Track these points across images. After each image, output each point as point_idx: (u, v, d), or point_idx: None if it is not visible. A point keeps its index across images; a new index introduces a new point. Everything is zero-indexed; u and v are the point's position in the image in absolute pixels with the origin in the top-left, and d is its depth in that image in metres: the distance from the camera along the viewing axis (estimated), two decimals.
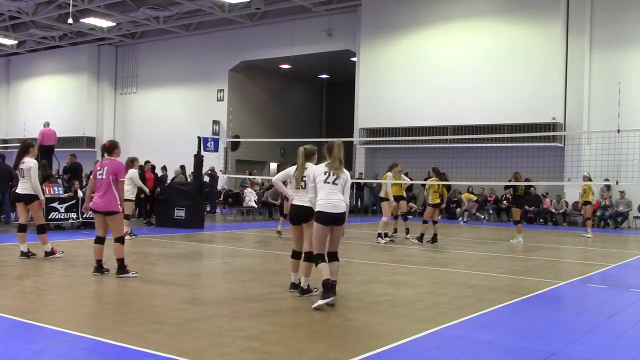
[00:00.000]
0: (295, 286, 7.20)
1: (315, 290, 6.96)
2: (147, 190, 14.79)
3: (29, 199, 9.54)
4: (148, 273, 8.29)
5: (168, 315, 5.95)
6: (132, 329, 5.45)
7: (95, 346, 4.89)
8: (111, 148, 8.38)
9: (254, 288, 7.64)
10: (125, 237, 12.12)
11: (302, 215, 6.95)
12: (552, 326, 6.08)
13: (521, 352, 5.14)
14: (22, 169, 9.49)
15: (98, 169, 8.20)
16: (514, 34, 21.71)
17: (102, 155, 8.46)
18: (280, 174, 7.50)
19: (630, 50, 20.67)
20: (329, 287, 6.36)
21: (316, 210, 6.54)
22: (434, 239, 13.38)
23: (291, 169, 7.29)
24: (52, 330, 5.30)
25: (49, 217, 13.70)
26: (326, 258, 6.63)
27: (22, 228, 9.68)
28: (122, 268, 8.10)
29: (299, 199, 7.03)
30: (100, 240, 8.21)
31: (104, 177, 8.11)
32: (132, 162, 12.56)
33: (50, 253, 9.58)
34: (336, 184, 6.52)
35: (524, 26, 21.55)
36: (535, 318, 6.43)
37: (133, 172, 12.38)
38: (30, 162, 9.48)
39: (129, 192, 12.13)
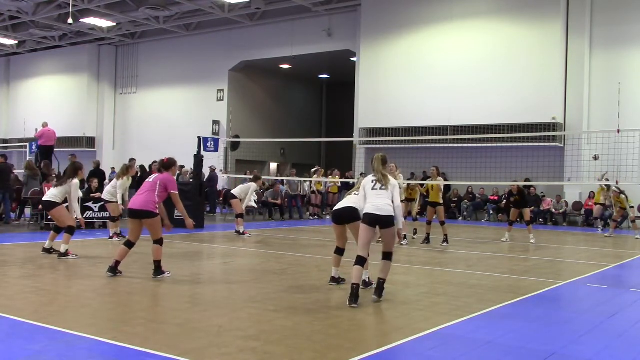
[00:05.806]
0: (334, 280, 7.87)
1: (343, 281, 7.79)
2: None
3: (49, 205, 9.91)
4: (148, 273, 8.28)
5: (168, 315, 5.95)
6: (132, 329, 5.45)
7: (95, 346, 4.89)
8: (169, 165, 8.39)
9: (254, 288, 7.65)
10: (114, 239, 12.21)
11: (347, 215, 7.60)
12: (552, 326, 6.08)
13: (521, 352, 5.14)
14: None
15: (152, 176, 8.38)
16: (514, 34, 21.69)
17: (159, 171, 8.56)
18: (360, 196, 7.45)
19: (630, 50, 20.66)
20: (352, 291, 6.64)
21: (364, 212, 6.99)
22: (427, 239, 13.47)
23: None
24: (52, 330, 5.30)
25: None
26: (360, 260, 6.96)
27: (57, 229, 10.11)
28: (158, 269, 8.13)
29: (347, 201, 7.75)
30: (129, 244, 8.18)
31: (150, 180, 8.25)
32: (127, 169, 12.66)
33: (63, 255, 9.65)
34: (383, 189, 6.99)
35: (524, 26, 21.54)
36: (535, 318, 6.43)
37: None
38: (73, 181, 9.96)
39: (112, 194, 12.31)
